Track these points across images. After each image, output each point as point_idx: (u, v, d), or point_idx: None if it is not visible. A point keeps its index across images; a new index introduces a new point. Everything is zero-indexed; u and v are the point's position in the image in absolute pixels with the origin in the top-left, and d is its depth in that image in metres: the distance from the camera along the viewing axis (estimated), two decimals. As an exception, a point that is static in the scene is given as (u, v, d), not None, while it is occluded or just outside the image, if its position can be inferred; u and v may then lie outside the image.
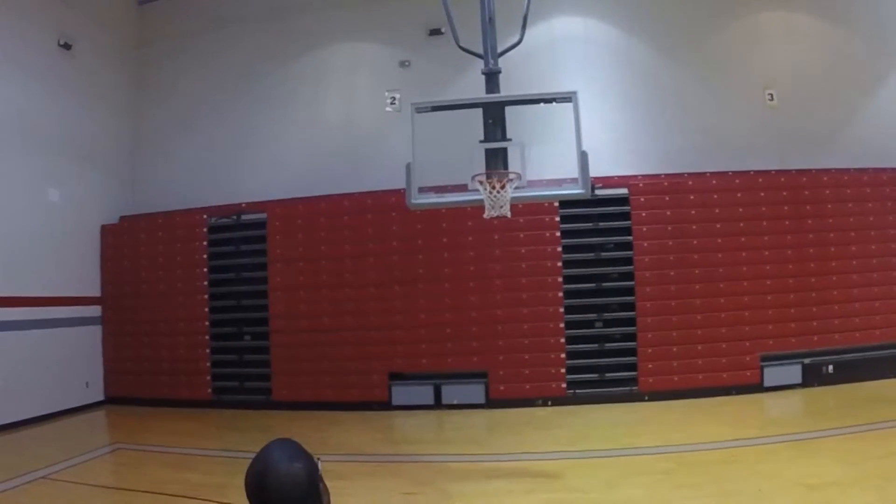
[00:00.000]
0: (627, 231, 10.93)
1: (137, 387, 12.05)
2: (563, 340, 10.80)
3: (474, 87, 8.66)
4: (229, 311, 11.89)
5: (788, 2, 12.01)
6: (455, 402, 10.78)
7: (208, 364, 11.80)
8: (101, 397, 12.30)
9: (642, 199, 10.97)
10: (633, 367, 10.73)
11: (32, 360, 10.73)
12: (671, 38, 11.98)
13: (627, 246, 10.92)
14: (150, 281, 12.37)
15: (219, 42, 13.28)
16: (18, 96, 10.94)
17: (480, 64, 8.03)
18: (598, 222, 10.99)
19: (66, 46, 11.86)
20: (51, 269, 11.37)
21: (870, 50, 11.77)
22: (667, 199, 10.96)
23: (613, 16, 12.11)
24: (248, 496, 1.95)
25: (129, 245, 12.59)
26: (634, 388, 10.66)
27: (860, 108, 11.79)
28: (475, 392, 10.84)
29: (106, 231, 12.75)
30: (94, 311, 12.44)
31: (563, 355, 10.77)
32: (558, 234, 10.99)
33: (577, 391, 10.71)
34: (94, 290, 12.51)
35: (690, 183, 11.06)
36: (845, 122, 11.73)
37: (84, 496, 6.89)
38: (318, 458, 2.08)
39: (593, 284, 10.91)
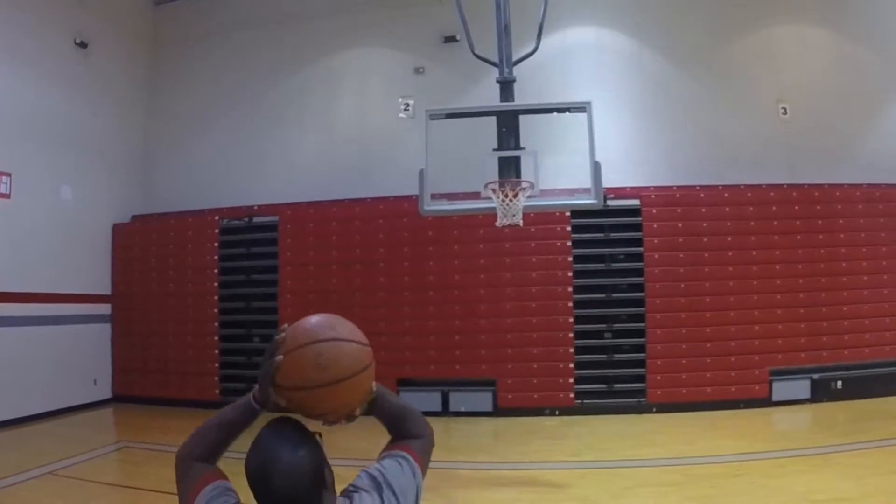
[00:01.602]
0: (638, 242, 10.93)
1: (145, 386, 12.08)
2: (571, 350, 10.78)
3: (488, 96, 8.68)
4: (239, 313, 11.90)
5: (803, 16, 11.97)
6: (462, 409, 10.77)
7: (217, 365, 11.82)
8: (108, 395, 12.32)
9: (654, 211, 10.96)
10: (641, 378, 10.70)
11: (42, 356, 10.77)
12: (685, 49, 11.96)
13: (638, 257, 10.91)
14: (160, 281, 12.41)
15: (233, 45, 13.32)
16: (33, 94, 11.00)
17: (495, 72, 8.07)
18: (609, 233, 10.99)
19: (82, 45, 11.92)
20: (62, 266, 11.42)
21: (884, 65, 11.71)
22: (678, 211, 10.95)
23: (627, 26, 12.09)
24: (251, 485, 1.86)
25: (141, 244, 12.64)
26: (642, 399, 10.63)
27: (873, 124, 11.74)
28: (483, 400, 10.82)
29: (117, 230, 12.80)
30: (104, 308, 12.48)
31: (571, 365, 10.76)
32: (569, 243, 10.99)
33: (585, 401, 10.69)
34: (105, 289, 12.55)
35: (702, 195, 11.04)
36: (858, 136, 11.68)
37: (89, 493, 6.92)
38: (319, 435, 1.98)
39: (603, 295, 10.89)
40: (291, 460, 1.82)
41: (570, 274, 10.94)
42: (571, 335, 10.83)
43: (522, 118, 7.84)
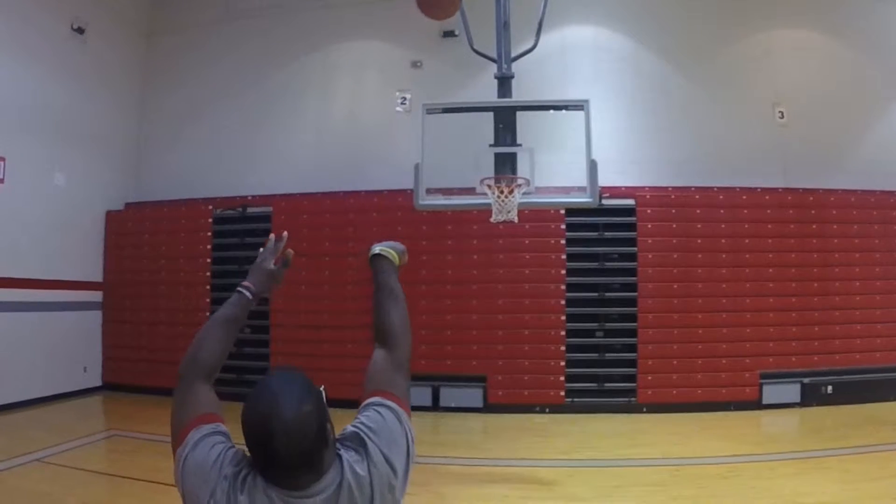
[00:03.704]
0: (632, 242, 10.93)
1: (135, 374, 12.01)
2: (563, 348, 10.79)
3: (486, 92, 8.69)
4: (230, 304, 11.83)
5: (802, 20, 11.98)
6: (453, 405, 10.76)
7: (207, 355, 11.75)
8: (98, 383, 12.28)
9: (648, 211, 10.96)
10: (632, 378, 10.72)
11: (31, 342, 10.72)
12: (682, 50, 11.95)
13: (632, 257, 10.91)
14: (152, 269, 12.36)
15: (231, 35, 13.26)
16: (28, 78, 10.92)
17: (493, 68, 8.05)
18: (603, 232, 10.98)
19: (79, 31, 11.84)
20: (54, 252, 11.36)
21: (882, 73, 11.74)
22: (673, 211, 10.96)
23: (625, 26, 12.09)
24: (248, 436, 1.76)
25: (133, 232, 12.59)
26: (633, 399, 10.65)
27: (870, 130, 11.77)
28: (473, 396, 10.82)
29: (110, 217, 12.75)
30: (96, 296, 12.44)
31: (562, 363, 10.76)
32: (563, 241, 10.99)
33: (576, 400, 10.69)
34: (97, 276, 12.50)
35: (697, 197, 11.05)
36: (854, 142, 11.71)
37: (77, 481, 6.90)
38: (323, 389, 1.90)
39: (596, 294, 10.90)
40: (297, 416, 1.72)
41: (564, 272, 10.94)
42: (563, 333, 10.83)
43: (520, 115, 7.83)
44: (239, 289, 2.34)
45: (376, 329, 2.39)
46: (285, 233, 2.46)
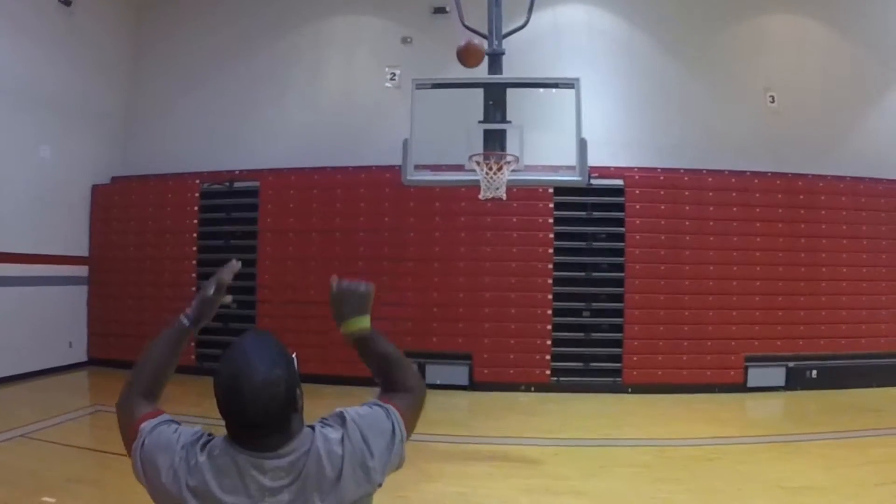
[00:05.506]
0: (620, 222, 10.92)
1: (121, 349, 11.84)
2: (549, 327, 10.80)
3: (476, 69, 8.62)
4: (216, 279, 11.77)
5: (796, 6, 11.95)
6: (438, 382, 10.76)
7: (193, 330, 11.70)
8: (84, 358, 12.21)
9: (637, 192, 10.95)
10: (618, 358, 10.75)
11: (15, 317, 10.61)
12: (676, 33, 11.90)
13: (620, 237, 10.91)
14: (138, 244, 12.26)
15: (219, 9, 13.11)
16: (13, 50, 10.73)
17: (484, 44, 7.99)
18: (591, 211, 10.97)
19: (66, 2, 11.64)
20: (39, 226, 11.24)
21: (875, 62, 11.74)
22: (662, 193, 10.95)
23: (618, 7, 12.02)
24: (219, 397, 1.78)
25: (120, 206, 12.47)
26: (618, 379, 10.69)
27: (861, 118, 11.80)
28: (459, 373, 10.83)
29: (97, 191, 12.63)
30: (81, 270, 12.35)
31: (548, 342, 10.78)
32: (551, 220, 10.97)
33: (561, 379, 10.72)
34: (82, 250, 12.41)
35: (686, 179, 11.05)
36: (845, 130, 11.73)
37: (62, 456, 6.87)
38: (295, 356, 1.90)
39: (583, 273, 10.90)
40: (266, 378, 1.74)
41: (551, 251, 10.94)
42: (550, 312, 10.84)
43: (510, 93, 7.79)
44: (181, 316, 2.42)
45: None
46: (239, 264, 2.41)
